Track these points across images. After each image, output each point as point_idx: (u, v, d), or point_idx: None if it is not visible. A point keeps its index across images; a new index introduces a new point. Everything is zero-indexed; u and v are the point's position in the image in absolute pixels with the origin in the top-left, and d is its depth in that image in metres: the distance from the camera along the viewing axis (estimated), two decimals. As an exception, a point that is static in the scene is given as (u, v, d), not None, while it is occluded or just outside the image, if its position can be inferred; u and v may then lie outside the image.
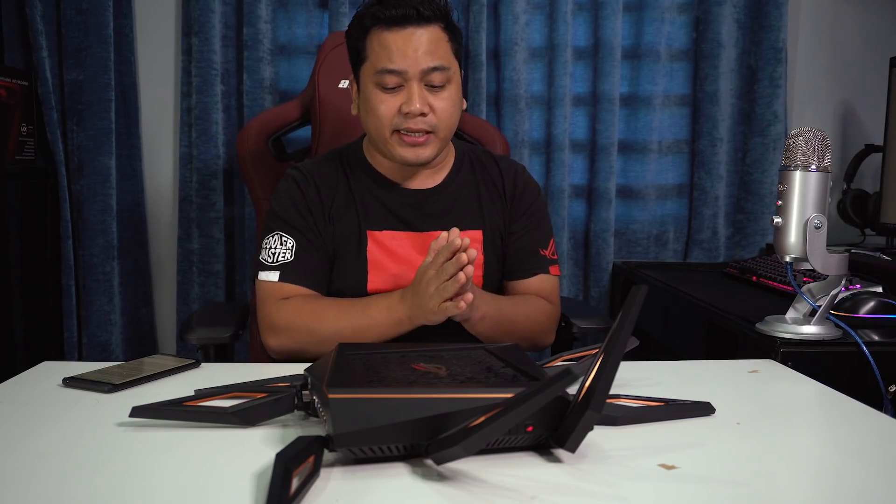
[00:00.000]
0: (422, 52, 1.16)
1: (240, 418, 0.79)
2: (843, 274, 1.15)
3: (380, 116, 1.19)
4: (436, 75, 1.18)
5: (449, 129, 1.23)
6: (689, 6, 2.15)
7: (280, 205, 1.25)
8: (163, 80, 2.13)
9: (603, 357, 0.69)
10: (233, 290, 2.13)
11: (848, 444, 0.81)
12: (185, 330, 1.38)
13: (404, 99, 1.17)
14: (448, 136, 1.25)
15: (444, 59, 1.19)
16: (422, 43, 1.16)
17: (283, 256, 1.21)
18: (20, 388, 0.94)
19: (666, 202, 2.21)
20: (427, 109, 1.18)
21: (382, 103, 1.18)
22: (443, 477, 0.68)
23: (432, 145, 1.22)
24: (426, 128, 1.19)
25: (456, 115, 1.23)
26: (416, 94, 1.17)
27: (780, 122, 2.12)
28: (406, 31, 1.16)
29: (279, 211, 1.25)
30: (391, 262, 1.24)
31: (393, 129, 1.19)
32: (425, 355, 0.85)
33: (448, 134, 1.24)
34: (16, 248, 1.92)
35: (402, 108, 1.17)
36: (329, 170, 1.29)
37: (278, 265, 1.21)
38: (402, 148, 1.20)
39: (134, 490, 0.66)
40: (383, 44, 1.17)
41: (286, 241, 1.22)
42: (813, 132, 1.13)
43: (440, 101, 1.19)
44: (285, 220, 1.24)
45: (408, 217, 1.26)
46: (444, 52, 1.19)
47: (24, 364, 1.04)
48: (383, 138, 1.21)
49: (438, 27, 1.19)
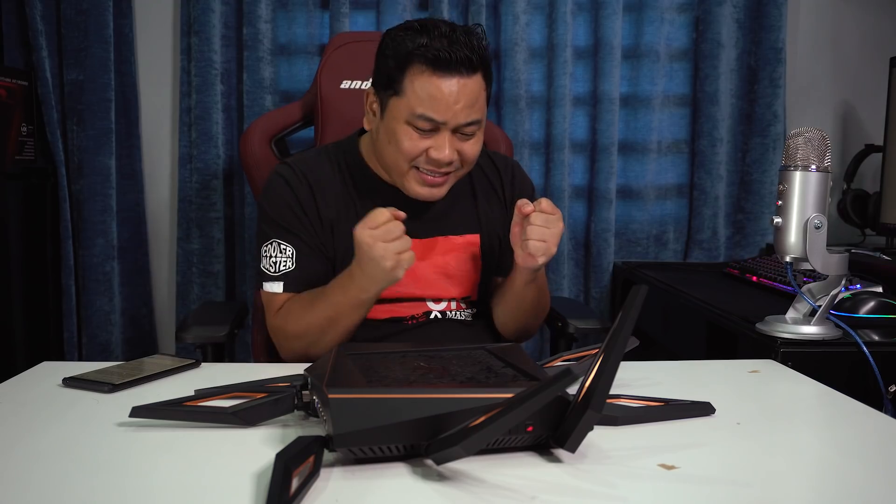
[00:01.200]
0: (462, 107, 1.13)
1: (240, 418, 0.79)
2: (843, 274, 1.15)
3: (404, 152, 1.16)
4: (470, 128, 1.16)
5: (470, 168, 1.24)
6: (689, 6, 2.15)
7: (273, 208, 1.23)
8: (163, 80, 2.13)
9: (603, 357, 0.69)
10: (233, 290, 2.13)
11: (848, 444, 0.81)
12: (182, 328, 1.38)
13: (433, 144, 1.15)
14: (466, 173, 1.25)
15: (480, 113, 1.17)
16: (464, 96, 1.13)
17: (285, 265, 1.20)
18: (20, 388, 0.94)
19: (666, 202, 2.20)
20: (455, 157, 1.17)
21: (410, 141, 1.15)
22: (443, 477, 0.68)
23: (449, 184, 1.22)
24: (450, 170, 1.19)
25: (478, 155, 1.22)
26: (447, 144, 1.14)
27: (780, 122, 2.12)
28: (452, 82, 1.12)
29: (273, 215, 1.22)
30: None
31: (413, 165, 1.18)
32: (425, 355, 0.85)
33: (467, 171, 1.24)
34: (16, 248, 1.91)
35: (431, 153, 1.15)
36: (324, 168, 1.26)
37: (280, 275, 1.20)
38: (419, 185, 1.19)
39: (134, 490, 0.66)
40: (428, 89, 1.12)
41: (285, 248, 1.20)
42: (813, 132, 1.13)
43: (468, 146, 1.18)
44: (281, 225, 1.21)
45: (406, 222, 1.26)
46: (482, 105, 1.17)
47: (24, 364, 1.04)
48: (400, 171, 1.19)
49: (481, 76, 1.16)
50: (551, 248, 1.12)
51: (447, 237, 1.28)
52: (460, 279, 1.27)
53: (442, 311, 1.27)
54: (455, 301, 1.28)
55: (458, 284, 1.27)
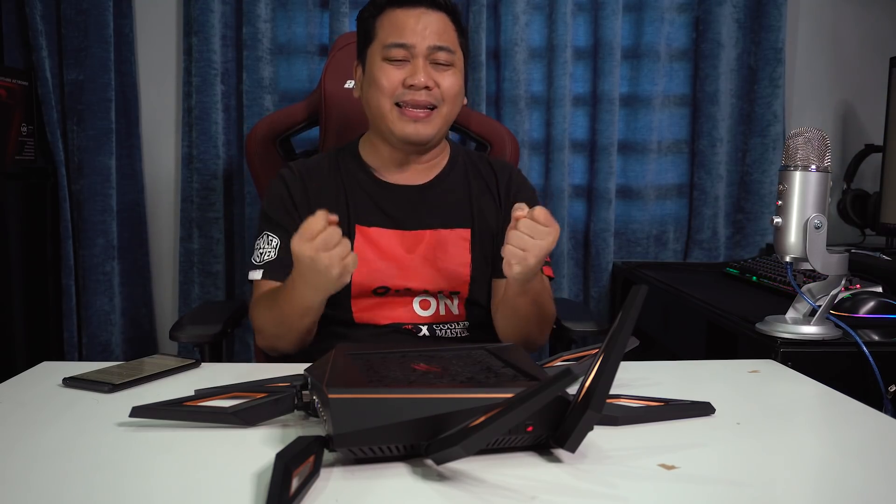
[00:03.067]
0: (430, 31, 1.21)
1: (240, 418, 0.79)
2: (843, 274, 1.15)
3: (382, 87, 1.21)
4: (442, 54, 1.22)
5: (452, 107, 1.25)
6: (689, 6, 2.15)
7: (268, 204, 1.29)
8: (163, 80, 2.13)
9: (603, 357, 0.69)
10: (232, 290, 2.13)
11: (848, 444, 0.81)
12: (176, 328, 1.38)
13: (409, 73, 1.21)
14: (450, 116, 1.26)
15: (451, 43, 1.24)
16: (431, 22, 1.22)
17: (269, 255, 1.24)
18: (20, 388, 0.94)
19: (666, 202, 2.20)
20: (432, 84, 1.21)
21: (386, 75, 1.21)
22: (443, 477, 0.68)
23: (434, 122, 1.23)
24: (430, 101, 1.21)
25: (459, 98, 1.26)
26: (421, 68, 1.20)
27: (780, 122, 2.12)
28: (417, 11, 1.22)
29: (267, 210, 1.28)
30: (376, 258, 1.25)
31: (395, 100, 1.21)
32: (425, 355, 0.85)
33: (450, 112, 1.25)
34: (16, 248, 1.91)
35: (407, 81, 1.20)
36: (322, 166, 1.31)
37: (262, 264, 1.24)
38: (403, 122, 1.22)
39: (134, 490, 0.66)
40: (394, 21, 1.22)
41: (272, 239, 1.25)
42: (813, 132, 1.13)
43: (445, 78, 1.22)
44: (272, 219, 1.26)
45: (397, 214, 1.27)
46: (451, 38, 1.24)
47: (24, 364, 1.03)
48: (383, 113, 1.22)
49: (446, 16, 1.25)
50: (529, 259, 1.02)
51: (437, 230, 1.28)
52: (449, 273, 1.27)
53: (431, 326, 1.26)
54: (444, 302, 1.27)
55: (447, 278, 1.27)
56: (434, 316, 1.27)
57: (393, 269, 1.24)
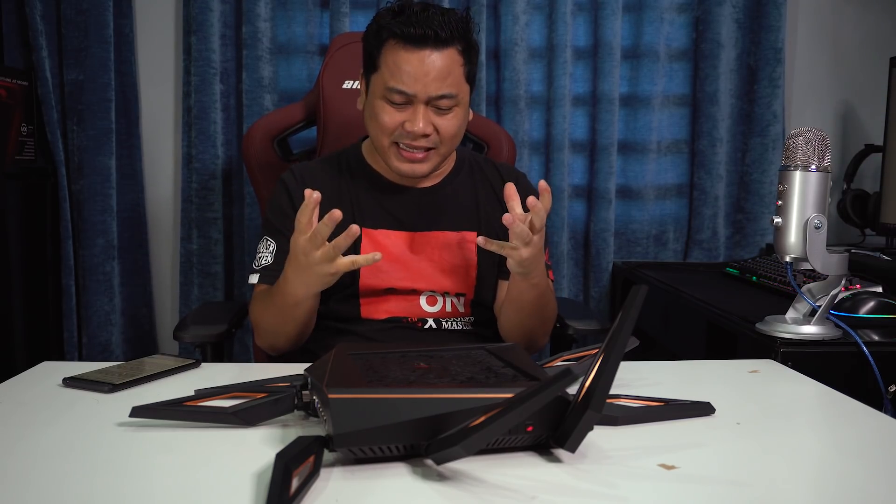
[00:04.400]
0: (432, 79, 1.16)
1: (240, 418, 0.79)
2: (843, 274, 1.15)
3: (381, 126, 1.20)
4: (443, 101, 1.19)
5: (451, 147, 1.25)
6: (688, 6, 2.15)
7: (270, 210, 1.30)
8: (163, 80, 2.13)
9: (603, 357, 0.69)
10: (231, 290, 2.13)
11: (848, 444, 0.81)
12: (179, 328, 1.38)
13: (409, 117, 1.18)
14: (449, 152, 1.26)
15: (454, 87, 1.19)
16: (434, 68, 1.16)
17: (266, 260, 1.25)
18: (20, 388, 0.94)
19: (666, 202, 2.20)
20: (430, 130, 1.19)
21: (387, 115, 1.19)
22: (443, 477, 0.68)
23: (431, 161, 1.23)
24: (427, 145, 1.21)
25: (460, 134, 1.25)
26: (420, 117, 1.17)
27: (780, 122, 2.12)
28: (421, 54, 1.16)
29: (269, 215, 1.29)
30: (383, 260, 1.24)
31: (392, 140, 1.21)
32: (425, 355, 0.85)
33: (449, 150, 1.26)
34: (16, 248, 1.91)
35: (406, 126, 1.18)
36: (324, 169, 1.31)
37: (259, 269, 1.25)
38: (399, 161, 1.22)
39: (134, 490, 0.66)
40: (397, 62, 1.17)
41: (269, 244, 1.26)
42: (813, 132, 1.13)
43: (445, 121, 1.20)
44: (273, 224, 1.27)
45: (403, 216, 1.27)
46: (456, 79, 1.19)
47: (24, 364, 1.04)
48: (382, 147, 1.23)
49: (455, 50, 1.19)
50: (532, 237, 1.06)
51: (443, 232, 1.29)
52: (455, 274, 1.28)
53: (438, 319, 1.27)
54: (450, 300, 1.28)
55: (453, 279, 1.28)
56: (441, 312, 1.28)
57: (400, 270, 1.24)
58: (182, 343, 1.39)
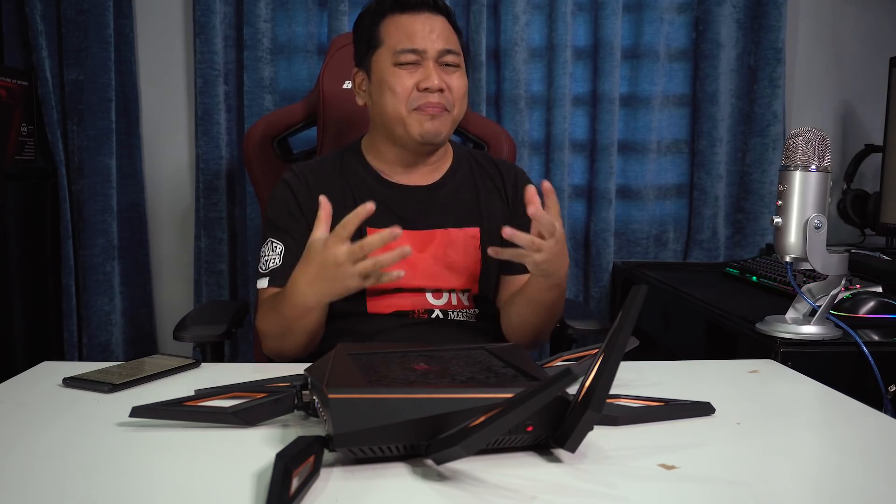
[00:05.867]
0: (437, 35, 1.24)
1: (240, 418, 0.79)
2: (843, 274, 1.15)
3: (398, 94, 1.23)
4: (450, 57, 1.25)
5: (460, 110, 1.28)
6: (688, 6, 2.15)
7: (273, 210, 1.29)
8: (163, 80, 2.13)
9: (603, 357, 0.69)
10: (236, 289, 2.13)
11: (848, 444, 0.81)
12: (179, 328, 1.38)
13: (421, 77, 1.23)
14: (459, 118, 1.29)
15: (456, 45, 1.27)
16: (437, 27, 1.25)
17: (274, 262, 1.23)
18: (20, 388, 0.94)
19: (666, 202, 2.20)
20: (444, 86, 1.23)
21: (399, 81, 1.22)
22: (443, 477, 0.68)
23: (446, 124, 1.26)
24: (443, 103, 1.24)
25: (466, 99, 1.30)
26: (433, 72, 1.23)
27: (780, 122, 2.12)
28: (422, 16, 1.25)
29: (272, 216, 1.28)
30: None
31: (411, 108, 1.23)
32: (425, 355, 0.85)
33: (459, 115, 1.28)
34: (16, 248, 1.91)
35: (420, 85, 1.22)
36: (325, 169, 1.31)
37: (268, 272, 1.23)
38: (422, 121, 1.23)
39: (134, 490, 0.66)
40: (401, 26, 1.24)
41: (276, 246, 1.25)
42: (813, 132, 1.13)
43: (454, 80, 1.26)
44: (277, 225, 1.26)
45: (406, 214, 1.27)
46: (455, 40, 1.28)
47: (24, 364, 1.03)
48: (400, 117, 1.24)
49: (446, 20, 1.28)
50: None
51: (447, 229, 1.29)
52: (460, 271, 1.28)
53: (444, 311, 1.27)
54: (456, 294, 1.28)
55: (459, 276, 1.28)
56: (447, 304, 1.28)
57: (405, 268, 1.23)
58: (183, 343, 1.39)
